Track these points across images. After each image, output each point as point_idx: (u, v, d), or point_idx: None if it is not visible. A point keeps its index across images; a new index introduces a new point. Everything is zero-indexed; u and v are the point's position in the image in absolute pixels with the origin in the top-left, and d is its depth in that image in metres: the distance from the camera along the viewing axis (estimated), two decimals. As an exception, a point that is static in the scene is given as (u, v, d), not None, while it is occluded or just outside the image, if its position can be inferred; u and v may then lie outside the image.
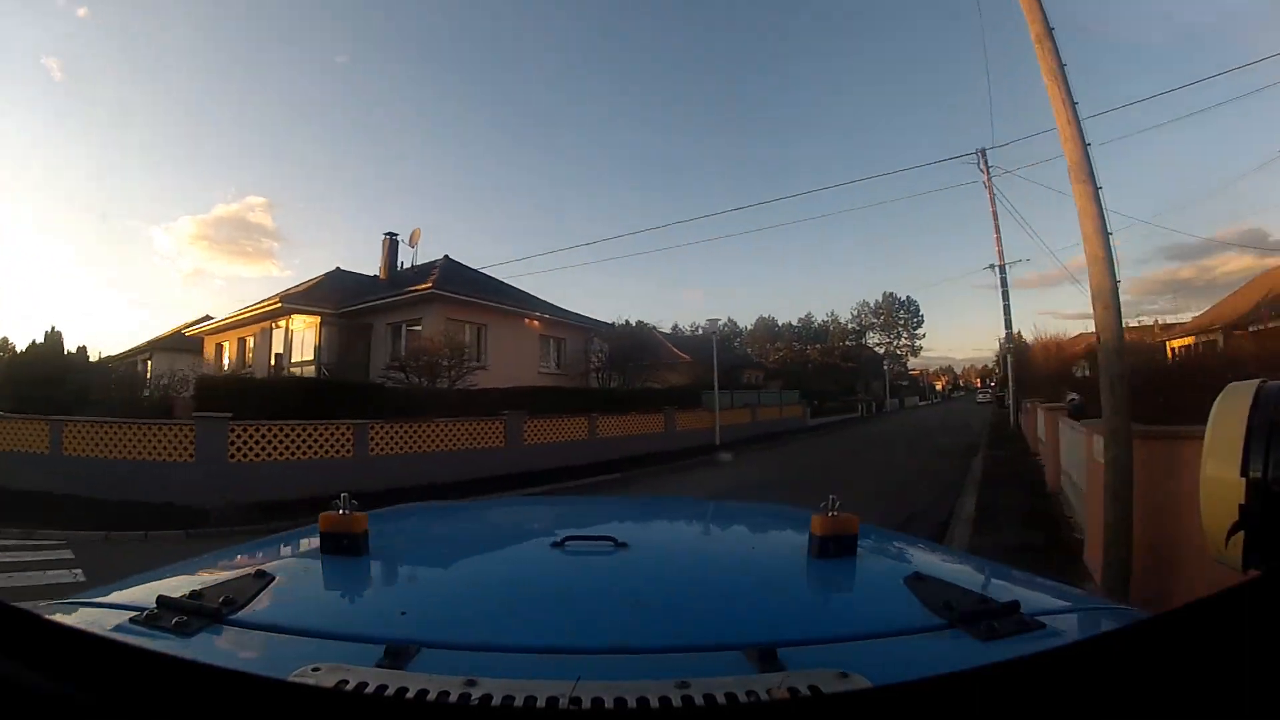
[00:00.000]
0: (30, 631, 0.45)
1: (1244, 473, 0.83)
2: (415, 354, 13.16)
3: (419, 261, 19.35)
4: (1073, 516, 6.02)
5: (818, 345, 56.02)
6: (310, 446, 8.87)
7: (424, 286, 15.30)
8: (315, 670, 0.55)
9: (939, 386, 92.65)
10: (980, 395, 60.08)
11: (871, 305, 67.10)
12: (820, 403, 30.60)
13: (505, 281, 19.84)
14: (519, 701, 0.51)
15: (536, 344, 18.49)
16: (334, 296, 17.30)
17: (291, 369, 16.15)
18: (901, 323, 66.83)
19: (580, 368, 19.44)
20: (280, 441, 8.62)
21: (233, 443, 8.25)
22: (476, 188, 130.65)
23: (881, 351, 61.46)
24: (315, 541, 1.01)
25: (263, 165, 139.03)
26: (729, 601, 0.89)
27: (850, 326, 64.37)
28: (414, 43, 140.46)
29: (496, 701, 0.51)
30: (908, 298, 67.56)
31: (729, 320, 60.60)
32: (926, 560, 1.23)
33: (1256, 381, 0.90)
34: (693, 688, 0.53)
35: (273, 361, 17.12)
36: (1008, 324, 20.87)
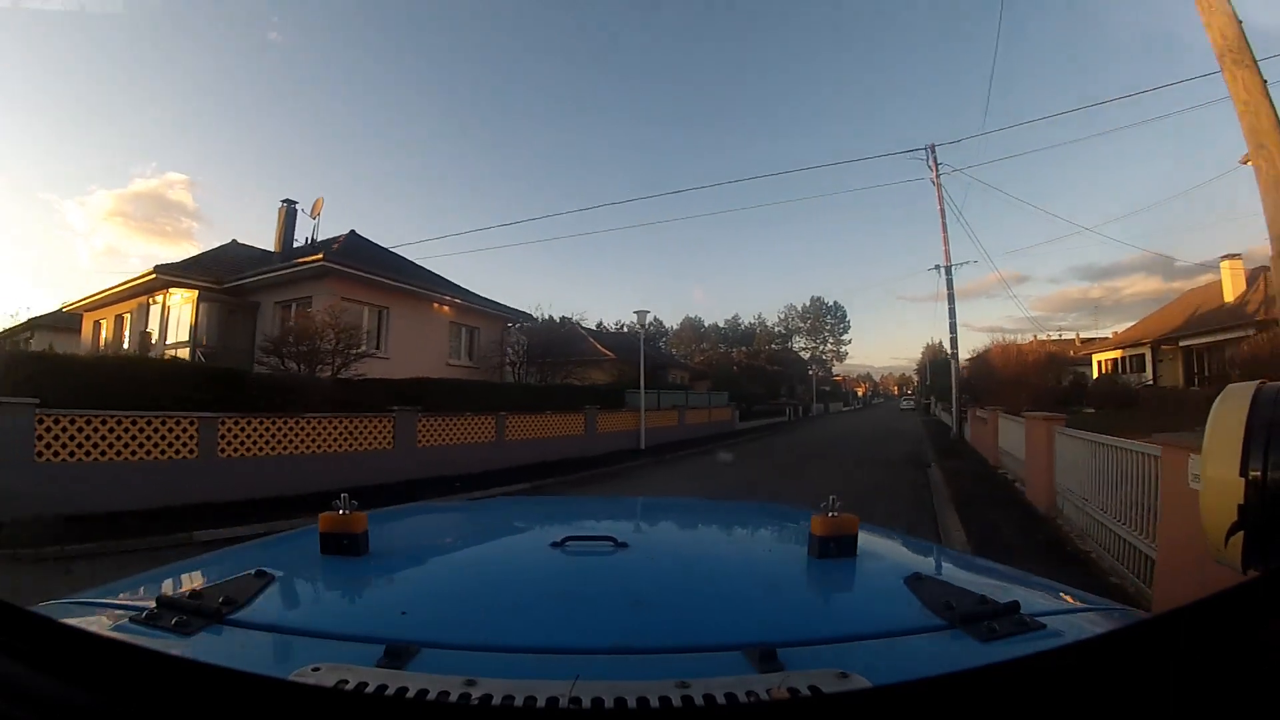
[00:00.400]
0: (30, 631, 0.45)
1: (1243, 473, 0.83)
2: (293, 336, 10.69)
3: (326, 236, 16.77)
4: (1092, 552, 5.01)
5: (744, 348, 54.22)
6: (143, 444, 6.95)
7: (314, 258, 12.80)
8: (315, 670, 0.55)
9: (860, 393, 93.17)
10: (904, 402, 60.92)
11: (799, 309, 67.08)
12: (747, 406, 29.20)
13: (421, 265, 17.66)
14: (519, 701, 0.51)
15: (446, 332, 16.26)
16: (220, 270, 14.46)
17: (167, 351, 13.70)
18: (828, 328, 67.25)
19: (495, 361, 17.31)
20: (104, 437, 6.67)
21: (41, 437, 6.26)
22: (413, 176, 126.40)
23: (807, 356, 61.08)
24: (315, 541, 1.01)
25: (187, 141, 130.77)
26: (729, 601, 0.89)
27: (777, 330, 64.03)
28: (350, 22, 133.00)
29: (496, 701, 0.51)
30: (835, 303, 67.87)
31: (655, 320, 57.90)
32: (926, 560, 1.23)
33: (1256, 382, 0.90)
34: (693, 688, 0.53)
35: (133, 342, 14.77)
36: (953, 327, 19.09)
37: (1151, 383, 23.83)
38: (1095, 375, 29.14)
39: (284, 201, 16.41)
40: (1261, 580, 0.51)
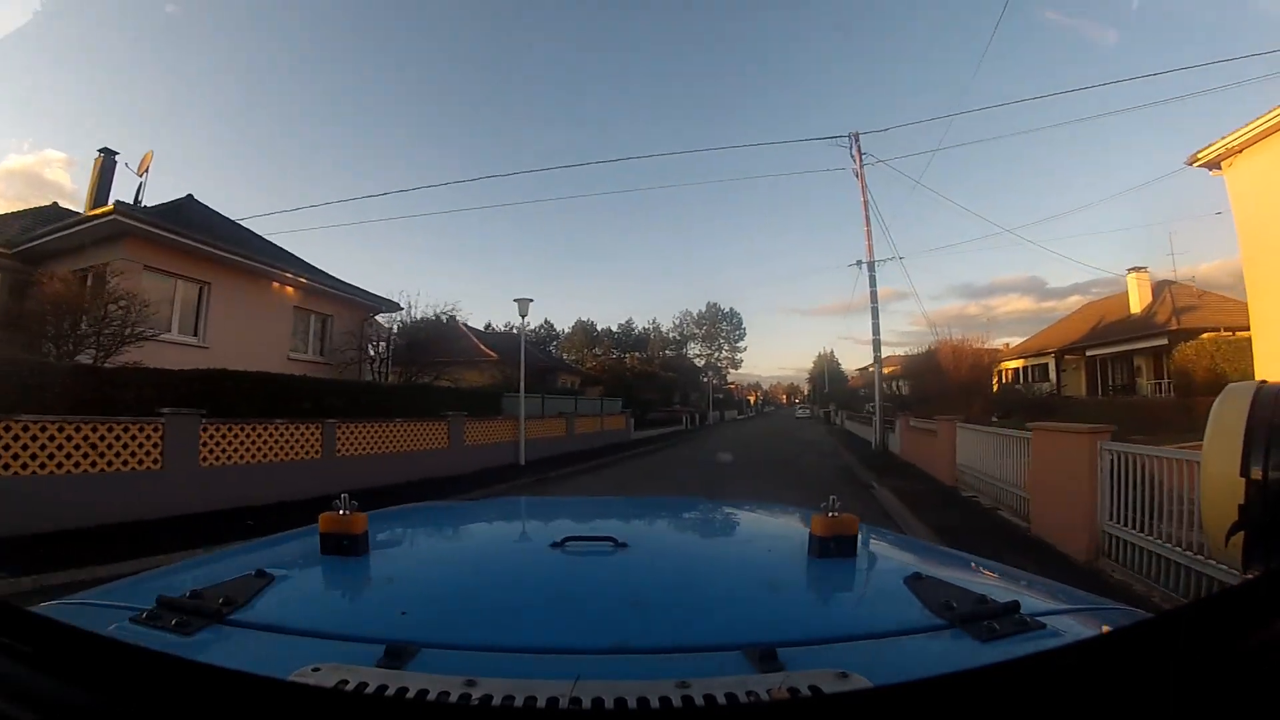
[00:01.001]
0: (30, 631, 0.45)
1: (1244, 473, 0.83)
2: (48, 307, 7.96)
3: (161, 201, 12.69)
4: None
5: (638, 354, 52.09)
6: None
7: (103, 210, 9.60)
8: (315, 670, 0.55)
9: (752, 401, 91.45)
10: (799, 410, 60.50)
11: (694, 315, 65.04)
12: (642, 413, 27.45)
13: (273, 242, 14.35)
14: (519, 701, 0.51)
15: (290, 319, 13.30)
16: (13, 231, 11.24)
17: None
18: (724, 334, 65.52)
19: (352, 356, 14.33)
20: None
21: None
22: (297, 160, 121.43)
23: (702, 363, 60.34)
24: (315, 541, 1.01)
25: (70, 117, 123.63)
26: (729, 601, 0.89)
27: (672, 335, 62.13)
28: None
29: (496, 701, 0.51)
30: (731, 309, 65.93)
31: (546, 323, 56.89)
32: (926, 560, 1.23)
33: (1256, 382, 0.90)
34: (693, 688, 0.53)
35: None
36: (875, 329, 17.92)
37: (1056, 392, 24.20)
38: (995, 385, 28.05)
39: (100, 151, 12.64)
40: (1262, 580, 0.50)
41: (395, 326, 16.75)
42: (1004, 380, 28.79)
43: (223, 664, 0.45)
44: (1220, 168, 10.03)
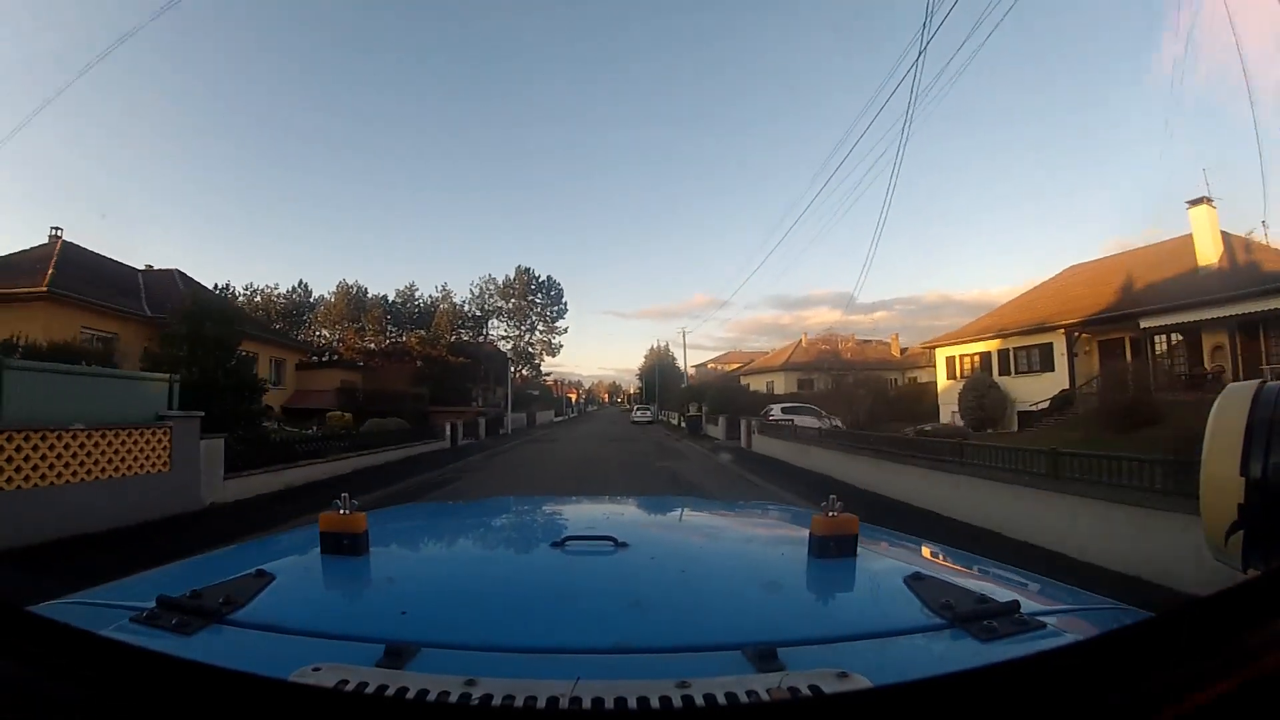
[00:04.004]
0: (30, 631, 0.45)
1: (1244, 472, 0.83)
2: None
3: None
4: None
5: (421, 331, 38.10)
6: None
7: None
8: (315, 670, 0.55)
9: (573, 399, 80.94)
10: (638, 412, 44.04)
11: (499, 283, 46.53)
12: (383, 413, 18.35)
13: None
14: (519, 701, 0.51)
15: None
16: None
17: None
18: (538, 309, 47.18)
19: None
20: None
21: None
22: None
23: (509, 347, 44.98)
24: (315, 541, 1.01)
25: None
26: (729, 601, 0.89)
27: (468, 309, 44.00)
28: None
29: (497, 701, 0.51)
30: (549, 278, 47.62)
31: (301, 284, 41.41)
32: (926, 560, 1.24)
33: (1256, 381, 0.90)
34: (693, 688, 0.53)
35: None
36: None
37: (1086, 385, 16.24)
38: (946, 377, 22.38)
39: None
40: (1261, 580, 0.51)
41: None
42: (960, 371, 22.09)
43: (223, 664, 0.45)
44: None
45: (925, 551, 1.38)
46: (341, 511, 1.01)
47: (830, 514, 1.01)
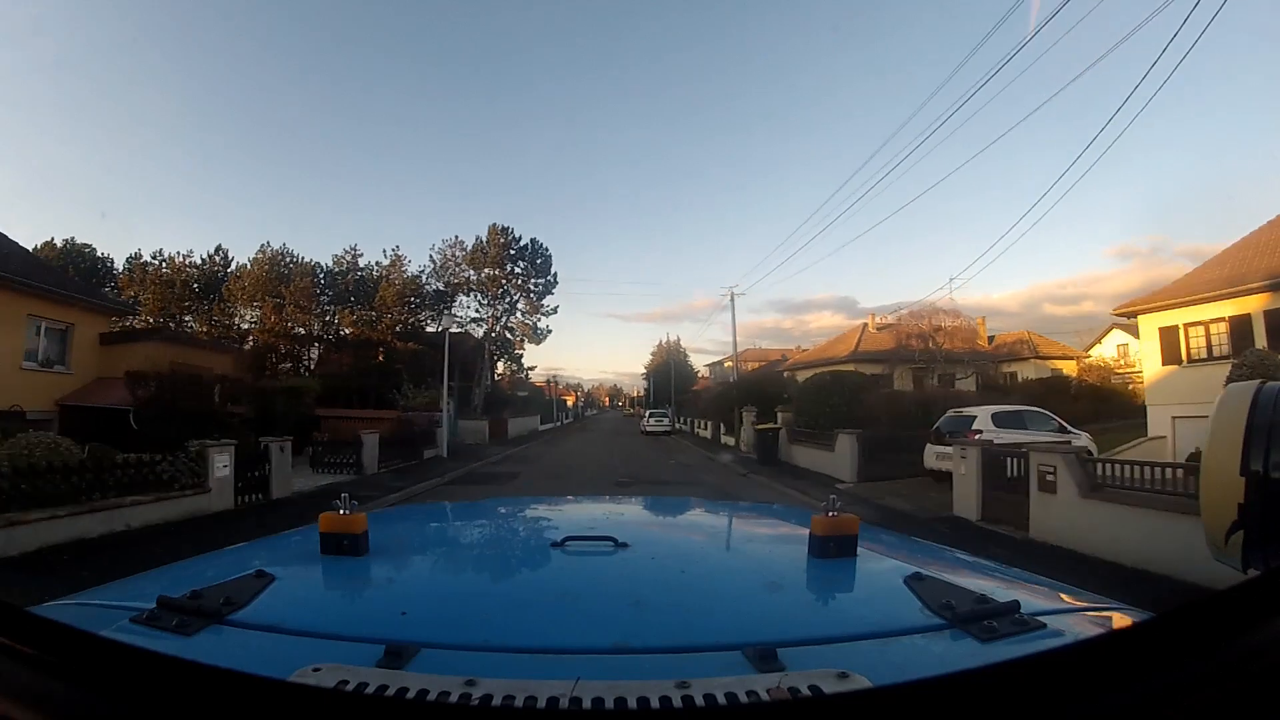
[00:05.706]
0: (30, 631, 0.45)
1: (1244, 472, 0.83)
2: None
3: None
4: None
5: (360, 307, 29.71)
6: None
7: None
8: (316, 670, 0.55)
9: (570, 402, 71.91)
10: (651, 420, 33.79)
11: (468, 247, 31.80)
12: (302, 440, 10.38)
13: None
14: (519, 701, 0.51)
15: None
16: None
17: None
18: (518, 280, 32.34)
19: None
20: None
21: None
22: None
23: (482, 331, 31.96)
24: (315, 541, 1.01)
25: None
26: (729, 601, 0.89)
27: (428, 282, 31.54)
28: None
29: (497, 701, 0.51)
30: (532, 241, 32.54)
31: (220, 250, 30.24)
32: (927, 560, 1.23)
33: (1256, 382, 0.90)
34: (693, 688, 0.53)
35: None
36: None
37: None
38: (1163, 361, 12.15)
39: None
40: (1261, 580, 0.51)
41: None
42: (1186, 351, 12.22)
43: (223, 664, 0.45)
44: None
45: (925, 552, 1.38)
46: (341, 512, 1.00)
47: (830, 514, 1.01)
